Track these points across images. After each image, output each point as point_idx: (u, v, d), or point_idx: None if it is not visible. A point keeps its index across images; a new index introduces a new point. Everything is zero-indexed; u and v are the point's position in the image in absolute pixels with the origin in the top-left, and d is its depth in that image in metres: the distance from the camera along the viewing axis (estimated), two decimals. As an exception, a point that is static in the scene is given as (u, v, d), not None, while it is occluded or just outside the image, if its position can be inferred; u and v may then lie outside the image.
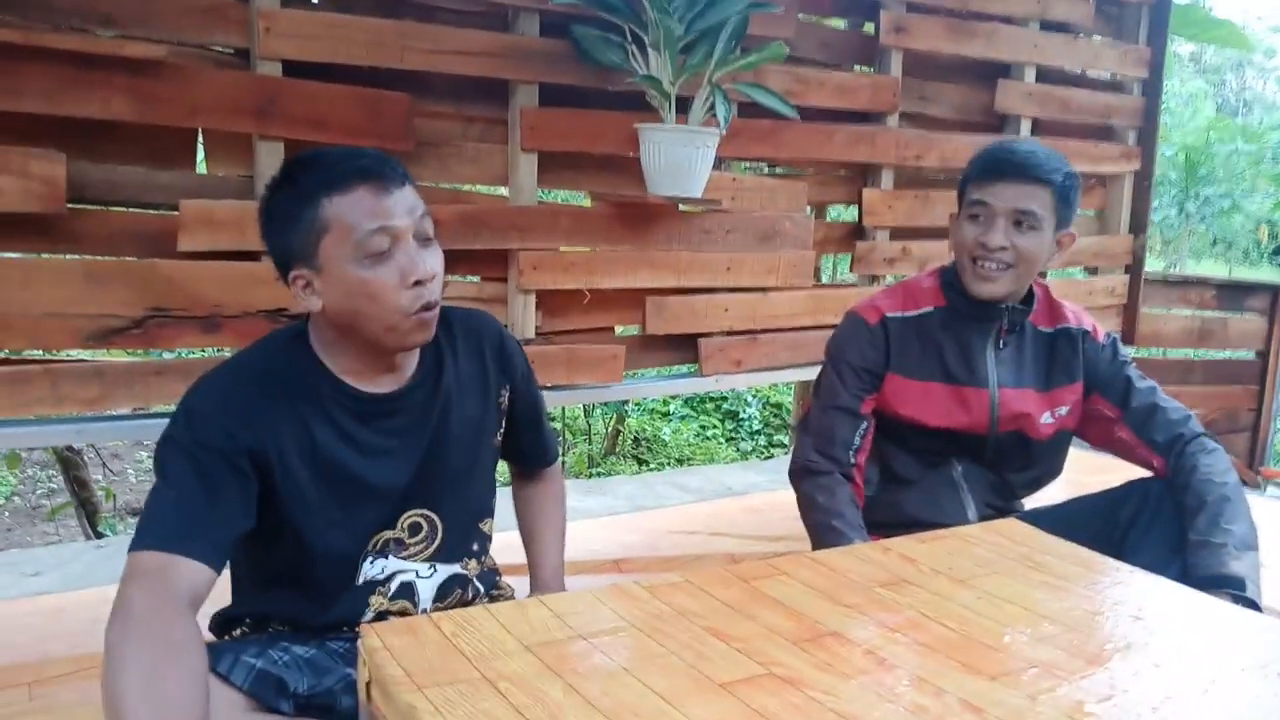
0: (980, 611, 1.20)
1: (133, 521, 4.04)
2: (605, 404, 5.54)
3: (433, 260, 1.30)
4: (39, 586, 2.05)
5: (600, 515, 2.69)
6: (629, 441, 5.85)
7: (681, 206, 2.60)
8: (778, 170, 3.12)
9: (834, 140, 2.88)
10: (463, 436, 1.43)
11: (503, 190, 2.47)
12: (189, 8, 2.06)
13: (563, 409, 5.35)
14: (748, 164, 2.99)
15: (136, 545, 1.16)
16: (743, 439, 6.36)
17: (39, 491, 4.96)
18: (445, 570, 1.44)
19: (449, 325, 1.46)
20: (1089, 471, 2.27)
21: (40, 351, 2.09)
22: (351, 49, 2.16)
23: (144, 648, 1.05)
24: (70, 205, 1.98)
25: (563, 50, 2.40)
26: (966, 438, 1.86)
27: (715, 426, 6.37)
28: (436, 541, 1.42)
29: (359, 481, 1.34)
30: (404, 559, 1.40)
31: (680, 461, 5.74)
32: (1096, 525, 1.78)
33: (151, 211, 2.11)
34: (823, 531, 1.75)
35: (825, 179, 3.02)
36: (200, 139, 2.17)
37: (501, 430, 1.53)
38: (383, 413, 1.36)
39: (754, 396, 6.58)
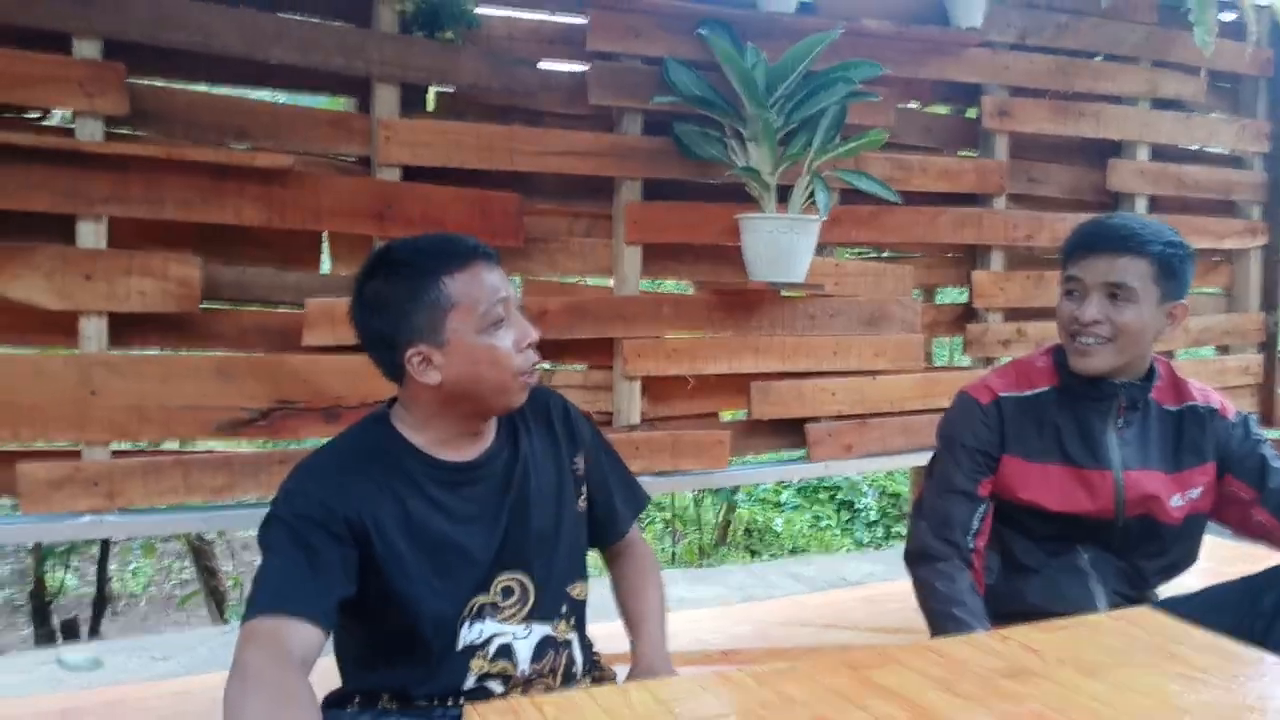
0: (1111, 703, 1.13)
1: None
2: (715, 493, 5.49)
3: (534, 324, 1.41)
4: (167, 671, 2.13)
5: (710, 605, 2.65)
6: (740, 532, 5.77)
7: (784, 292, 2.61)
8: (884, 254, 3.10)
9: (939, 223, 2.86)
10: (544, 501, 1.47)
11: (609, 282, 2.53)
12: (316, 120, 2.22)
13: (672, 498, 5.33)
14: (850, 251, 2.99)
15: (248, 615, 1.21)
16: (858, 529, 6.20)
17: (172, 581, 5.18)
18: (540, 630, 1.45)
19: None
20: (1228, 559, 2.13)
21: (175, 443, 2.21)
22: (464, 154, 2.28)
23: (261, 699, 1.09)
24: (204, 305, 2.12)
25: (664, 147, 2.47)
26: (1091, 523, 1.78)
27: (830, 517, 6.24)
28: (530, 604, 1.44)
29: (453, 546, 1.38)
30: (500, 621, 1.42)
31: (793, 552, 5.63)
32: (1237, 614, 1.65)
33: (279, 309, 2.24)
34: (942, 620, 1.68)
35: (933, 262, 2.99)
36: (325, 241, 2.30)
37: (584, 496, 1.55)
38: (467, 480, 1.42)
39: (870, 486, 6.43)
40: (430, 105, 2.38)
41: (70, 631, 3.27)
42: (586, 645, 1.54)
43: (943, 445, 1.85)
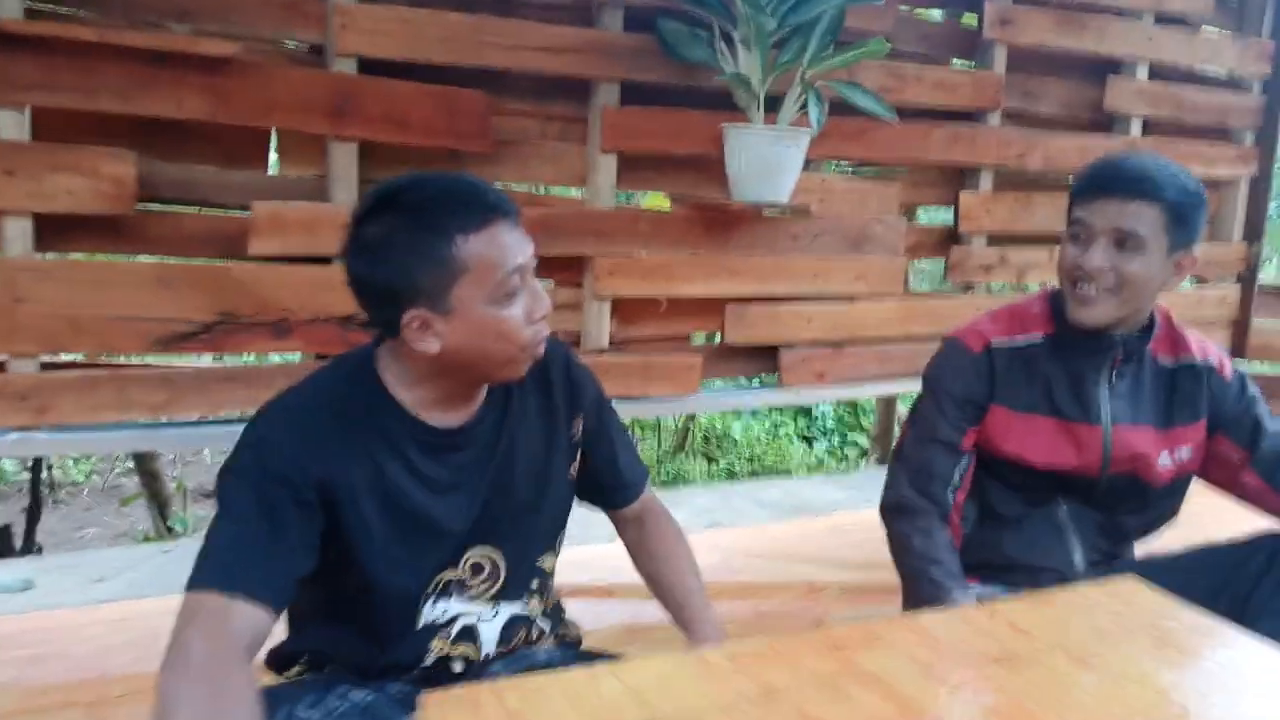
0: (1105, 695, 1.07)
1: (202, 512, 4.07)
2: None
3: (546, 294, 1.25)
4: (105, 593, 2.03)
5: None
6: (699, 439, 5.74)
7: (766, 211, 2.48)
8: (869, 170, 2.96)
9: (931, 140, 2.72)
10: (530, 470, 1.35)
11: (580, 192, 2.38)
12: (266, 2, 2.00)
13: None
14: (836, 165, 2.84)
15: (195, 583, 1.10)
16: (816, 437, 6.20)
17: (116, 470, 5.05)
18: (508, 610, 1.36)
19: None
20: (1210, 515, 2.09)
21: (107, 356, 2.06)
22: (428, 45, 2.08)
23: (197, 697, 0.99)
24: (141, 206, 1.94)
25: (647, 46, 2.28)
26: (1075, 478, 1.71)
27: (787, 424, 6.23)
28: (500, 582, 1.34)
29: (425, 518, 1.26)
30: (466, 600, 1.32)
31: (751, 460, 5.62)
32: (1218, 579, 1.62)
33: (223, 213, 2.07)
34: (919, 580, 1.62)
35: (919, 180, 2.86)
36: (274, 138, 2.12)
37: (575, 463, 1.43)
38: (451, 446, 1.28)
39: (829, 392, 6.39)
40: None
41: (3, 540, 3.16)
42: (553, 611, 1.45)
43: (928, 392, 1.76)
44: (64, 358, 1.96)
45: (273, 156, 2.16)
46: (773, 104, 2.28)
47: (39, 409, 1.87)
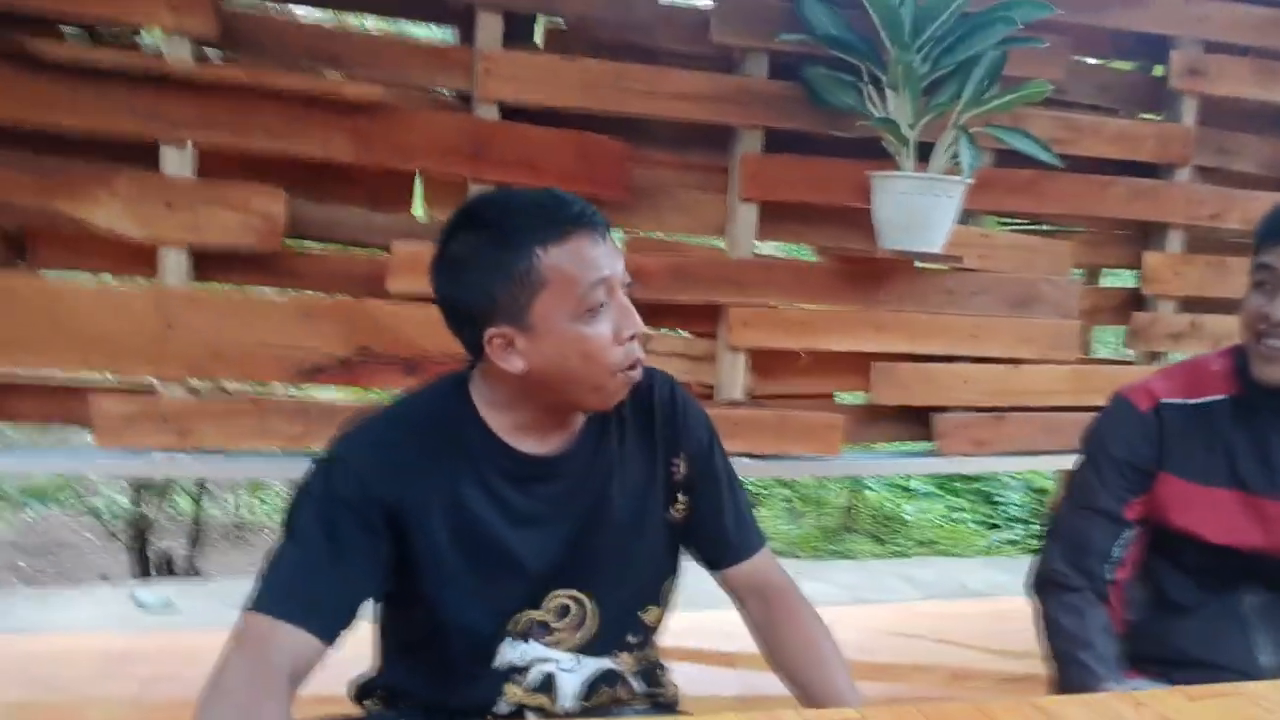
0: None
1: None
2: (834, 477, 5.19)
3: (638, 315, 1.16)
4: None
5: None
6: (865, 518, 5.46)
7: (918, 264, 2.33)
8: (1043, 227, 2.74)
9: (1110, 194, 2.50)
10: (625, 509, 1.24)
11: (721, 243, 2.31)
12: (414, 50, 2.08)
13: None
14: (1002, 221, 2.66)
15: (249, 604, 1.07)
16: (1000, 526, 5.76)
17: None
18: (593, 665, 1.24)
19: None
20: None
21: (250, 385, 2.14)
22: (568, 92, 2.09)
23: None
24: (289, 242, 2.02)
25: (792, 94, 2.22)
26: (1260, 560, 1.46)
27: (965, 509, 5.83)
28: (587, 629, 1.24)
29: (503, 550, 1.18)
30: (547, 645, 1.22)
31: (923, 544, 5.27)
32: None
33: (366, 252, 2.13)
34: (1066, 664, 1.41)
35: (1098, 239, 2.63)
36: (419, 182, 2.17)
37: (680, 505, 1.31)
38: (539, 476, 1.20)
39: (1014, 479, 5.97)
40: (540, 41, 2.20)
41: (166, 565, 3.33)
42: (648, 669, 1.32)
43: (1087, 455, 1.56)
44: (207, 384, 2.04)
45: (419, 200, 2.21)
46: (925, 152, 2.15)
47: (182, 432, 1.95)
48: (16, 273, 1.91)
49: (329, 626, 1.08)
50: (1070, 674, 1.39)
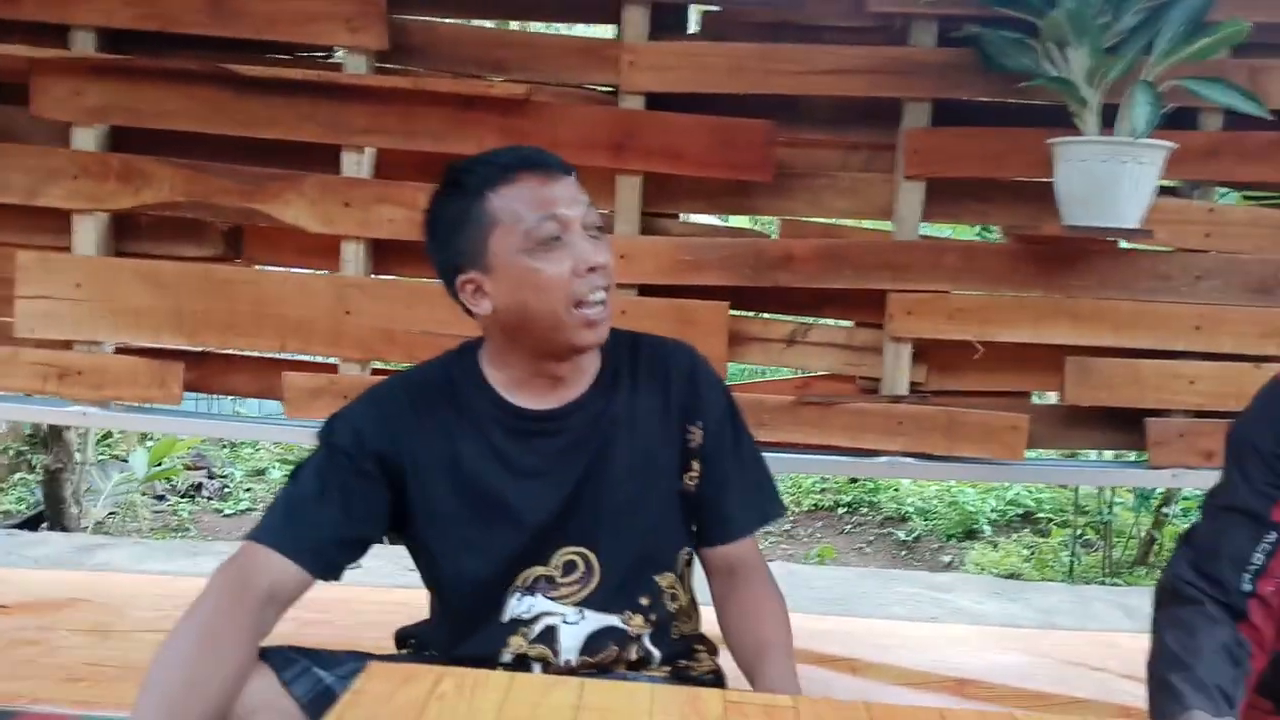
0: None
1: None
2: (1142, 499, 4.59)
3: (604, 250, 1.19)
4: (409, 580, 2.25)
5: (989, 624, 2.18)
6: (1166, 550, 4.79)
7: (1123, 243, 2.04)
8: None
9: (1385, 158, 2.04)
10: (631, 470, 1.25)
11: (888, 226, 2.16)
12: (568, 48, 2.15)
13: (1076, 492, 4.57)
14: (1250, 195, 2.25)
15: (247, 535, 1.18)
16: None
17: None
18: (597, 620, 1.24)
19: (636, 351, 1.31)
20: None
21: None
22: (713, 77, 2.07)
23: (187, 639, 1.05)
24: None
25: (962, 61, 2.04)
26: None
27: None
28: (592, 585, 1.24)
29: (501, 502, 1.23)
30: (553, 599, 1.24)
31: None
32: None
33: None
34: (1156, 688, 1.18)
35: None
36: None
37: (691, 475, 1.28)
38: (540, 431, 1.24)
39: None
40: (695, 28, 2.20)
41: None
42: (672, 639, 1.29)
43: (1229, 449, 1.29)
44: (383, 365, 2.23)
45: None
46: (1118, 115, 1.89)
47: (356, 409, 2.15)
48: (231, 266, 2.21)
49: (317, 559, 1.16)
50: (1155, 700, 1.15)
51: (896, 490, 5.06)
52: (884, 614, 2.19)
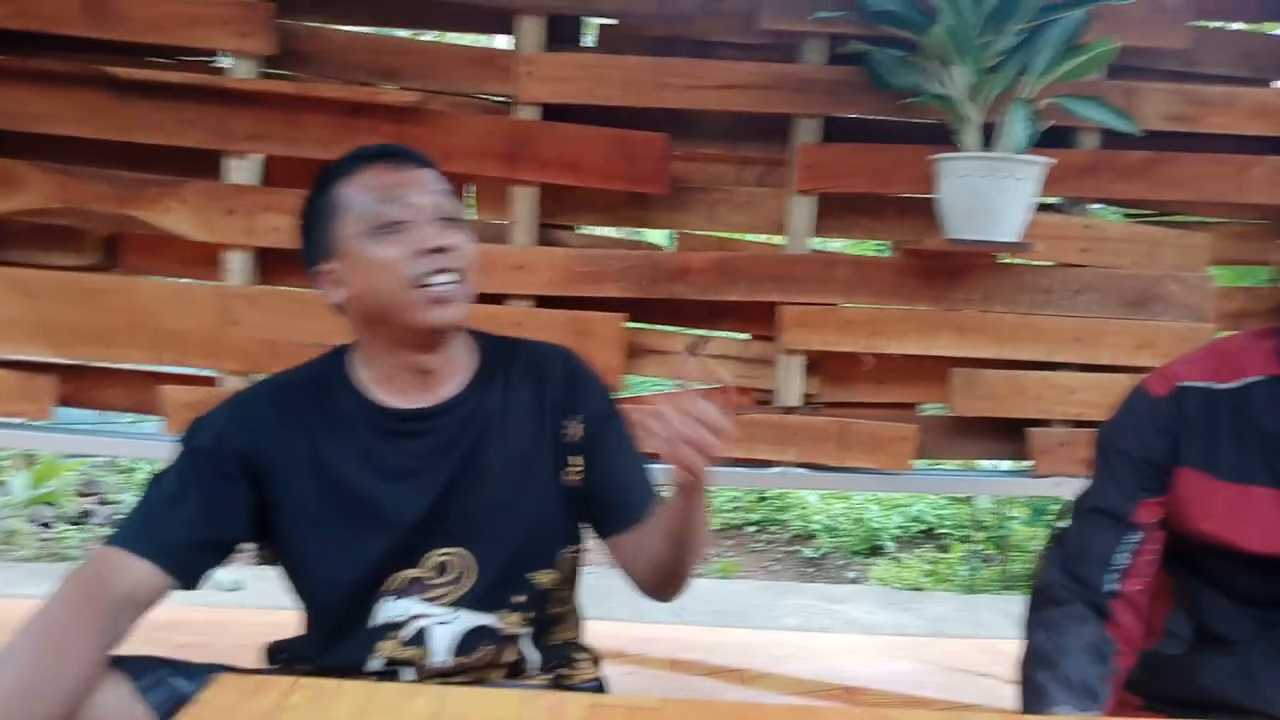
0: None
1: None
2: (1036, 512, 4.71)
3: (454, 235, 1.19)
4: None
5: (883, 634, 2.21)
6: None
7: (1004, 258, 2.10)
8: (1177, 217, 2.39)
9: (1251, 177, 2.14)
10: (506, 468, 1.24)
11: (782, 240, 2.19)
12: (463, 58, 2.14)
13: (974, 508, 4.67)
14: (1130, 212, 2.34)
15: (104, 540, 1.13)
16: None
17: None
18: (470, 619, 1.22)
19: (513, 352, 1.31)
20: None
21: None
22: (608, 89, 2.07)
23: (29, 646, 1.00)
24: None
25: (854, 79, 2.08)
26: (1320, 581, 1.18)
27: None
28: (467, 585, 1.22)
29: (369, 503, 1.20)
30: (426, 601, 1.21)
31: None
32: None
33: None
34: (1026, 686, 1.20)
35: (1245, 230, 2.26)
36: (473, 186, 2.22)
37: (576, 470, 1.27)
38: (408, 431, 1.23)
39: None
40: (591, 41, 2.20)
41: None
42: (551, 644, 1.29)
43: (1097, 451, 1.34)
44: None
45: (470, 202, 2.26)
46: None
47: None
48: (103, 275, 2.12)
49: (174, 560, 1.13)
50: (1025, 699, 1.17)
51: (804, 508, 5.11)
52: (777, 625, 2.21)
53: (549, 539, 1.27)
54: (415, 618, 1.21)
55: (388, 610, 1.21)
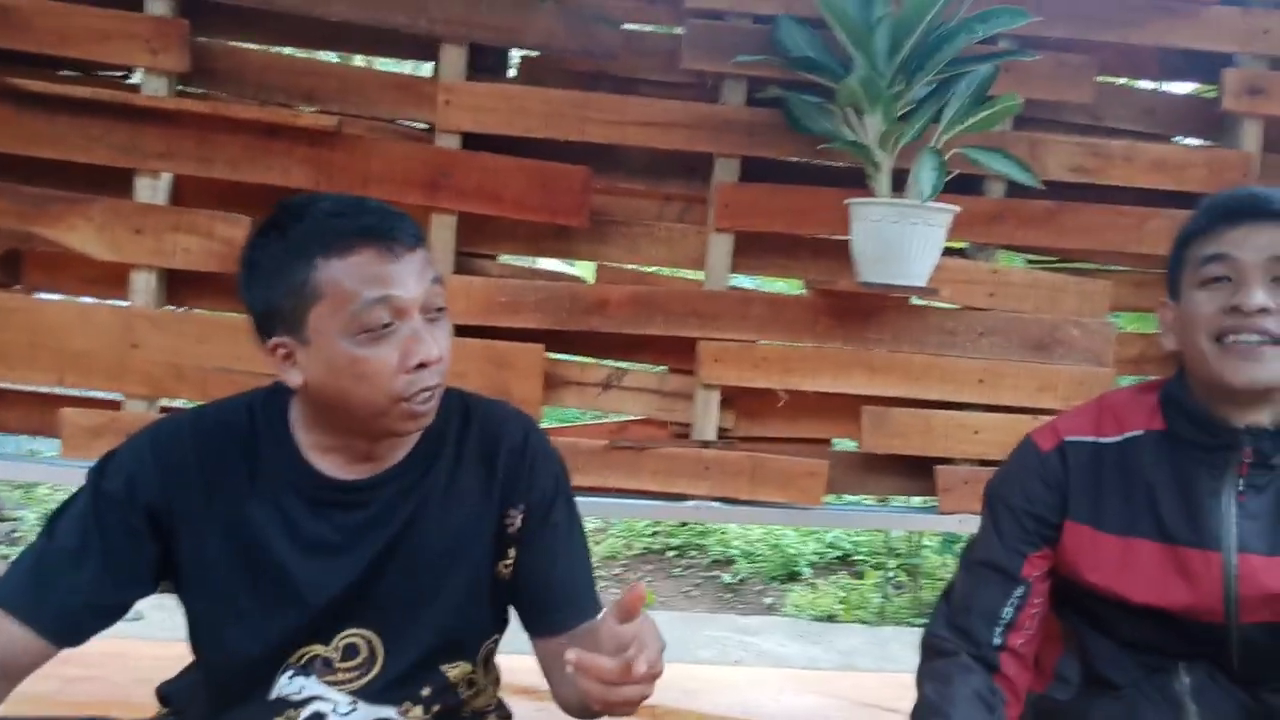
0: None
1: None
2: (946, 542, 4.82)
3: (441, 340, 1.08)
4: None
5: (794, 667, 2.23)
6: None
7: (915, 300, 2.16)
8: (1080, 265, 2.48)
9: (1150, 228, 2.23)
10: (435, 550, 1.15)
11: (701, 276, 2.21)
12: (383, 83, 2.13)
13: (887, 535, 4.76)
14: (1035, 260, 2.42)
15: None
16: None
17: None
18: (369, 712, 1.15)
19: (467, 420, 1.20)
20: None
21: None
22: (529, 121, 2.08)
23: None
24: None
25: (772, 121, 2.12)
26: (1195, 627, 1.23)
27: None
28: (373, 672, 1.15)
29: (284, 577, 1.12)
30: (327, 684, 1.14)
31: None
32: None
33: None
34: (915, 739, 1.23)
35: (1144, 279, 2.36)
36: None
37: (508, 562, 1.20)
38: (340, 503, 1.14)
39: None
40: (514, 73, 2.20)
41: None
42: (466, 715, 1.23)
43: (985, 505, 1.37)
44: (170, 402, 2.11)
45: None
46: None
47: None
48: (3, 292, 2.05)
49: (61, 627, 1.07)
50: (912, 750, 1.20)
51: (724, 534, 5.15)
52: (692, 659, 2.23)
53: (470, 633, 1.21)
54: (313, 699, 1.14)
55: (286, 685, 1.14)
